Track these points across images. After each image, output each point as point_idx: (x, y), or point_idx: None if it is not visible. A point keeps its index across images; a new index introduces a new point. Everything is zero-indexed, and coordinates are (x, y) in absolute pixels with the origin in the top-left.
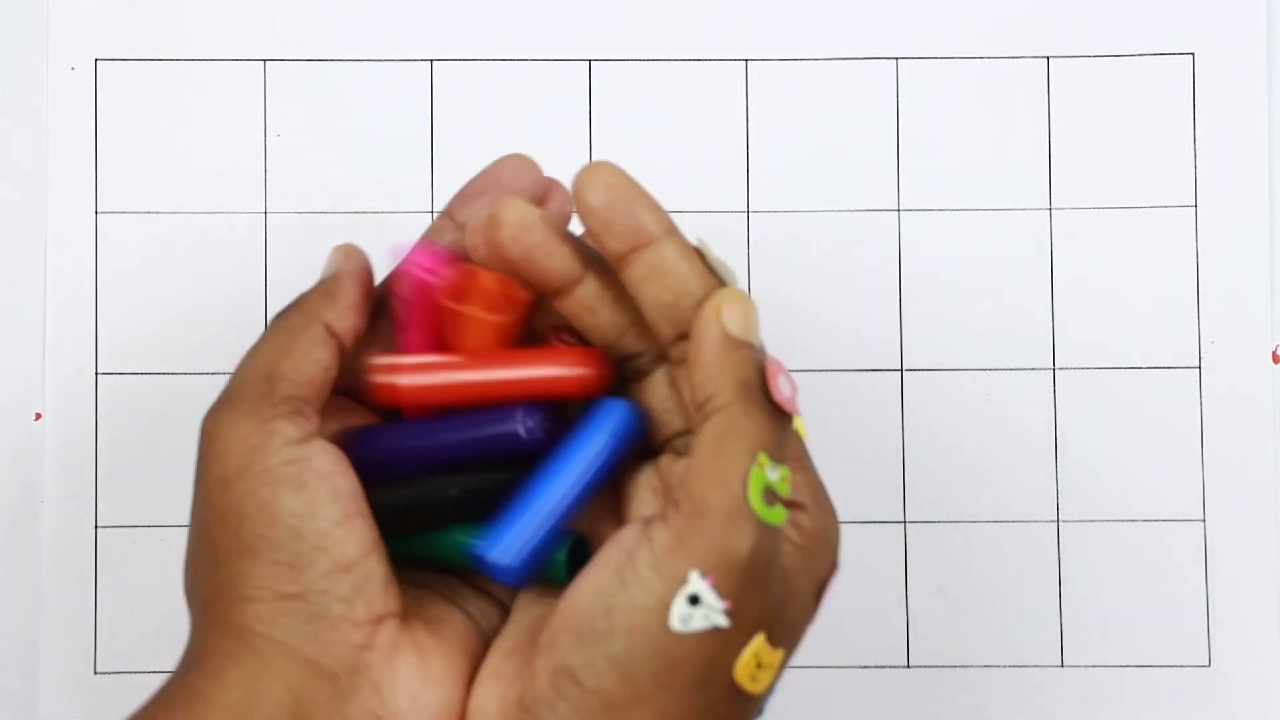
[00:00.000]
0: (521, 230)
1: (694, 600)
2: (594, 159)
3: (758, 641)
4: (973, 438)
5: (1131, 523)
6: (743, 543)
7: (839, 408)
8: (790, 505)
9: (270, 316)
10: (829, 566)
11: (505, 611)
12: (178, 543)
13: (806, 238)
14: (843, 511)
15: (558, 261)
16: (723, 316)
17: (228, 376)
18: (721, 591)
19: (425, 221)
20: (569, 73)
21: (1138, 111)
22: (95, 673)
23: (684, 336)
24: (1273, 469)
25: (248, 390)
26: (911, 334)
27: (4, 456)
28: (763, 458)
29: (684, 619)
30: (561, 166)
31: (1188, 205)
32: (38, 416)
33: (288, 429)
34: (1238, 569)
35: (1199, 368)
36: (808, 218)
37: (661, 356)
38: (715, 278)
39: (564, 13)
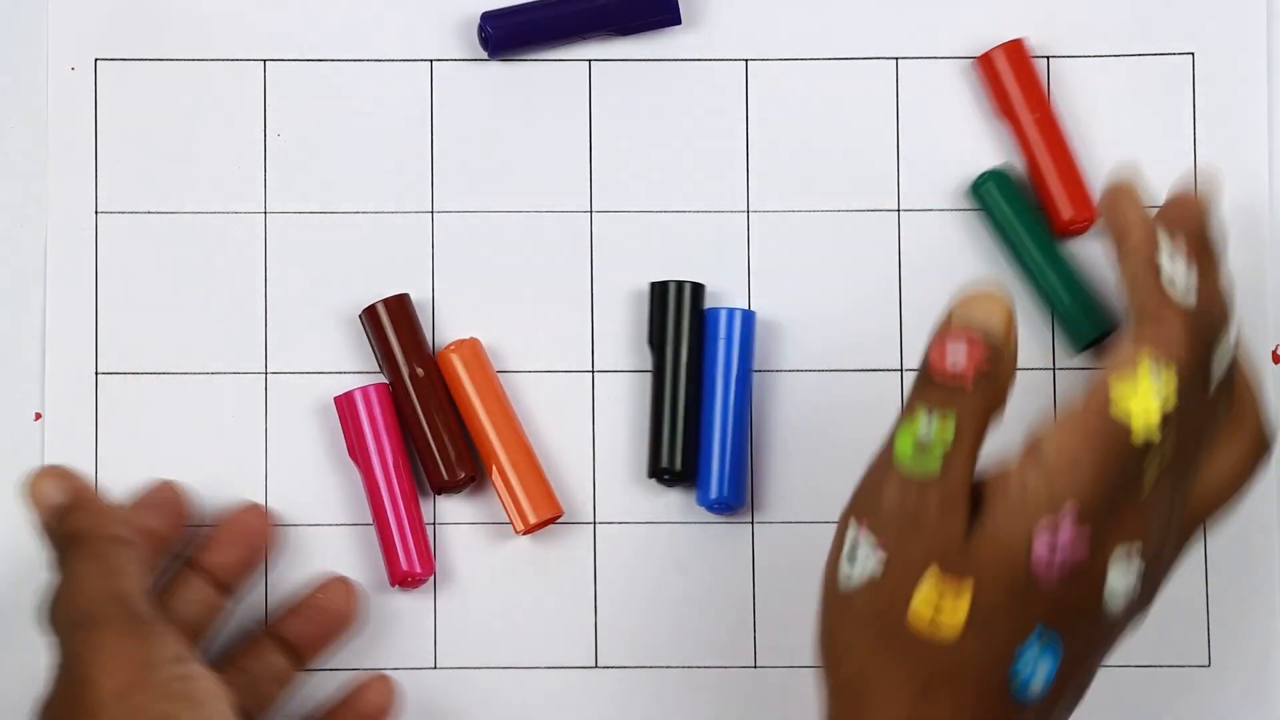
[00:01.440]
0: None
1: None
2: None
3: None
4: None
5: None
6: None
7: (839, 408)
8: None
9: (269, 317)
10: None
11: None
12: None
13: (806, 238)
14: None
15: None
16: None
17: (228, 376)
18: None
19: (425, 221)
20: (569, 73)
21: (1138, 111)
22: None
23: None
24: (1273, 469)
25: (109, 612)
26: (911, 334)
27: (4, 456)
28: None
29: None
30: (562, 166)
31: None
32: (38, 416)
33: (171, 645)
34: (1238, 569)
35: None
36: (808, 218)
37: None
38: None
39: None
